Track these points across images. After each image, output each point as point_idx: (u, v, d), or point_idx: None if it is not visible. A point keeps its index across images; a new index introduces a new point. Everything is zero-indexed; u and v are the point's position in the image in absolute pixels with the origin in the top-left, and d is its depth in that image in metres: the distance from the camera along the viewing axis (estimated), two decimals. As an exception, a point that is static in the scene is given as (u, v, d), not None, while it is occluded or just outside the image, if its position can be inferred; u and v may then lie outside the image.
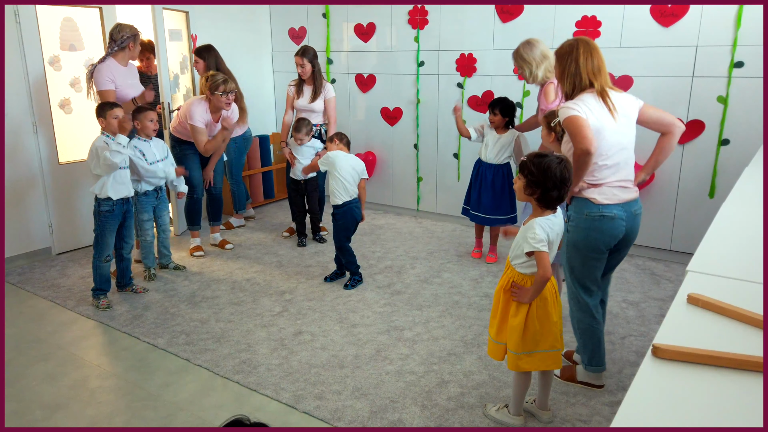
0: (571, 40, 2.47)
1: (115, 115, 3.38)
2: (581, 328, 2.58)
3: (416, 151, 5.33)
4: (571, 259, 2.50)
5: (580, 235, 2.43)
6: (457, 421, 2.44)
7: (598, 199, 2.39)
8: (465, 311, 3.46)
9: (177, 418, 2.50)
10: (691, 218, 4.11)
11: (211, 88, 4.03)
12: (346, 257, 3.82)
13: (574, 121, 2.31)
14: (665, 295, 3.64)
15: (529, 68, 3.55)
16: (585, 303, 2.53)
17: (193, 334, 3.21)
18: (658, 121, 2.47)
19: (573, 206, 2.47)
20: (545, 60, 3.52)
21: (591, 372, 2.61)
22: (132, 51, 3.93)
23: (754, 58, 3.71)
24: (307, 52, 4.46)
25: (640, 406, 1.09)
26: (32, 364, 2.94)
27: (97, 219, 3.46)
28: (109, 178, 3.40)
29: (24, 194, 4.24)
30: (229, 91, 4.06)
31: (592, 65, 2.39)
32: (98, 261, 3.51)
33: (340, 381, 2.73)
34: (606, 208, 2.39)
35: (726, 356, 1.21)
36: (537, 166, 2.08)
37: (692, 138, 4.01)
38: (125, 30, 3.88)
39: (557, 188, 2.09)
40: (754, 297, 1.50)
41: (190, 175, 4.28)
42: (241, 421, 1.09)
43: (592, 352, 2.58)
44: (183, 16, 5.14)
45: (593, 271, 2.49)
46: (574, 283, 2.54)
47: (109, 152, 3.28)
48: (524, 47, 3.55)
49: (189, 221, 4.51)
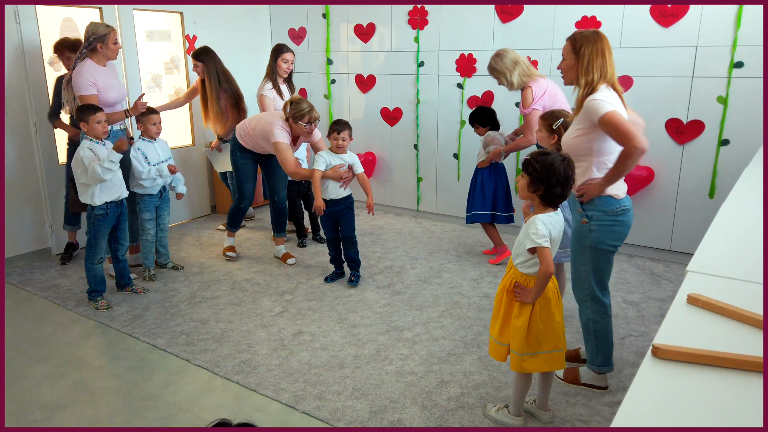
0: (593, 30, 2.40)
1: (98, 120, 3.30)
2: (597, 330, 2.55)
3: (416, 151, 5.33)
4: (596, 260, 2.46)
5: (607, 232, 2.41)
6: (457, 421, 2.44)
7: (619, 194, 2.40)
8: (465, 311, 3.46)
9: (177, 418, 2.50)
10: (691, 218, 4.11)
11: (295, 116, 3.72)
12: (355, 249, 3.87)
13: (617, 118, 2.25)
14: (665, 295, 3.64)
15: (504, 77, 3.71)
16: (603, 303, 2.52)
17: (193, 335, 3.21)
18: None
19: (596, 205, 2.40)
20: (517, 66, 3.67)
21: (601, 373, 2.61)
22: (103, 51, 3.67)
23: (754, 58, 3.71)
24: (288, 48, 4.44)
25: (640, 406, 1.08)
26: (32, 364, 2.94)
27: (91, 222, 3.44)
28: (96, 186, 3.35)
29: (24, 194, 4.24)
30: (313, 120, 3.77)
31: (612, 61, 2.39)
32: (90, 264, 3.49)
33: (340, 381, 2.73)
34: (626, 201, 2.43)
35: (726, 356, 1.21)
36: (541, 164, 2.08)
37: (692, 138, 4.01)
38: (94, 30, 3.65)
39: (561, 185, 2.09)
40: (754, 297, 1.50)
41: (242, 186, 4.15)
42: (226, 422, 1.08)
43: (607, 354, 2.57)
44: (177, 17, 5.16)
45: (610, 270, 2.51)
46: (595, 284, 2.49)
47: (101, 168, 3.24)
48: (494, 60, 3.73)
49: (229, 222, 4.38)
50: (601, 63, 2.35)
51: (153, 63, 5.03)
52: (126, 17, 4.63)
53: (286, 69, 4.45)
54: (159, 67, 5.09)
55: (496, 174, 4.13)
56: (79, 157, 3.30)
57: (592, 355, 2.60)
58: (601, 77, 2.36)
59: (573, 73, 2.44)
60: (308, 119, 3.73)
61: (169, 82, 5.21)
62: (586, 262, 2.49)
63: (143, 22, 4.91)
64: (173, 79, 5.24)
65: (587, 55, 2.35)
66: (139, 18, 4.86)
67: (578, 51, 2.38)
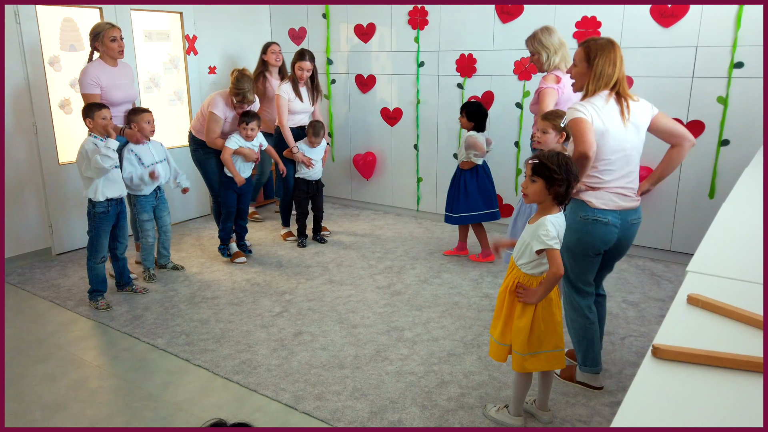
0: (607, 39, 2.39)
1: (103, 116, 3.32)
2: (575, 328, 2.59)
3: (416, 152, 5.33)
4: (564, 260, 2.48)
5: (572, 236, 2.42)
6: (457, 421, 2.44)
7: (594, 202, 2.38)
8: (465, 312, 3.46)
9: (177, 418, 2.50)
10: (691, 218, 4.11)
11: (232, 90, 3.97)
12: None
13: (578, 124, 2.30)
14: (665, 296, 3.64)
15: (547, 53, 3.43)
16: (577, 304, 2.54)
17: (193, 335, 3.20)
18: (669, 132, 2.44)
19: (569, 207, 2.46)
20: (562, 47, 3.44)
21: (586, 372, 2.61)
22: (102, 50, 3.72)
23: (754, 58, 3.71)
24: (312, 56, 4.53)
25: (640, 406, 1.08)
26: (32, 364, 2.94)
27: (92, 220, 3.44)
28: (101, 180, 3.37)
29: (24, 194, 4.24)
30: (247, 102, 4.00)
31: (623, 71, 2.37)
32: (93, 263, 3.49)
33: (340, 381, 2.73)
34: (601, 213, 2.38)
35: (726, 357, 1.21)
36: (557, 165, 2.07)
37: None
38: (92, 29, 3.73)
39: (576, 182, 2.13)
40: (754, 297, 1.50)
41: (210, 180, 4.25)
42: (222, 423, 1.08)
43: (586, 351, 2.58)
44: (177, 17, 5.16)
45: (585, 273, 2.50)
46: (566, 283, 2.56)
47: (99, 156, 3.25)
48: (543, 32, 3.45)
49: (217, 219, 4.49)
50: (610, 72, 2.34)
51: (152, 63, 5.03)
52: (124, 17, 4.61)
53: (301, 76, 4.52)
54: (158, 67, 5.09)
55: (479, 174, 4.15)
56: (84, 150, 3.32)
57: (576, 352, 2.63)
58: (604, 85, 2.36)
59: (583, 80, 2.42)
60: (242, 98, 3.96)
61: (168, 82, 5.21)
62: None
63: (143, 22, 4.92)
64: (172, 79, 5.24)
65: (600, 66, 2.35)
66: (139, 18, 4.86)
67: (591, 60, 2.36)
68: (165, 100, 5.19)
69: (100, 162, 3.26)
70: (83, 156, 3.33)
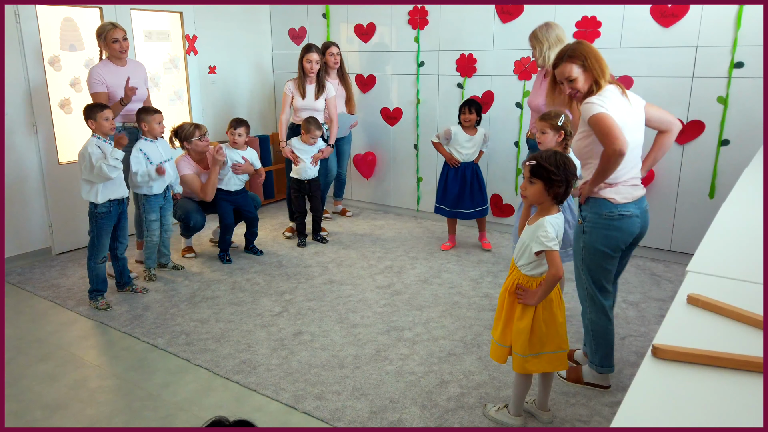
0: (576, 41, 2.44)
1: (105, 117, 3.31)
2: (595, 330, 2.55)
3: (416, 151, 5.33)
4: (589, 261, 2.46)
5: (599, 235, 2.40)
6: (456, 421, 2.44)
7: (617, 198, 2.36)
8: (465, 311, 3.46)
9: (177, 418, 2.50)
10: (691, 218, 4.11)
11: (186, 138, 4.15)
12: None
13: (603, 120, 2.23)
14: (665, 296, 3.64)
15: (540, 48, 3.53)
16: (602, 304, 2.51)
17: (193, 334, 3.21)
18: (659, 119, 2.48)
19: (589, 207, 2.42)
20: (559, 43, 3.46)
21: (601, 373, 2.60)
22: (108, 50, 3.76)
23: (754, 58, 3.71)
24: (319, 49, 4.55)
25: (640, 406, 1.08)
26: (32, 364, 2.94)
27: (93, 221, 3.43)
28: (100, 184, 3.35)
29: (24, 194, 4.24)
30: (203, 132, 4.18)
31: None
32: (93, 263, 3.49)
33: (340, 381, 2.73)
34: (624, 207, 2.37)
35: (726, 357, 1.21)
36: (556, 165, 2.07)
37: (692, 138, 4.01)
38: (97, 31, 3.78)
39: (575, 180, 2.12)
40: (754, 297, 1.50)
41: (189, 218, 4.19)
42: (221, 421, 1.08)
43: (605, 354, 2.56)
44: (177, 17, 5.16)
45: (610, 271, 2.48)
46: (591, 285, 2.50)
47: (106, 166, 3.24)
48: (541, 28, 3.57)
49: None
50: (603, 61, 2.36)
51: (152, 63, 5.03)
52: (124, 17, 4.61)
53: (310, 69, 4.50)
54: (157, 67, 5.10)
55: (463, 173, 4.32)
56: (87, 153, 3.28)
57: (592, 353, 2.60)
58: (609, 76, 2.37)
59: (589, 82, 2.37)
60: (198, 134, 4.16)
61: (168, 82, 5.21)
62: (581, 263, 2.50)
63: (143, 22, 4.92)
64: (172, 78, 5.24)
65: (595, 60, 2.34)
66: (139, 18, 4.86)
67: (585, 64, 2.34)
68: (165, 100, 5.19)
69: (106, 171, 3.25)
70: (85, 158, 3.30)
